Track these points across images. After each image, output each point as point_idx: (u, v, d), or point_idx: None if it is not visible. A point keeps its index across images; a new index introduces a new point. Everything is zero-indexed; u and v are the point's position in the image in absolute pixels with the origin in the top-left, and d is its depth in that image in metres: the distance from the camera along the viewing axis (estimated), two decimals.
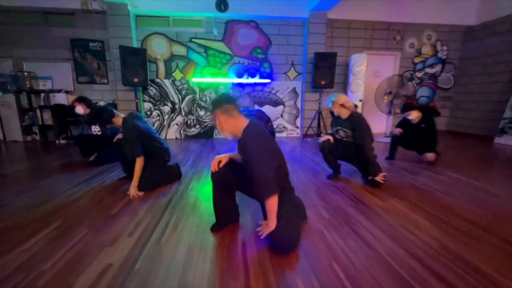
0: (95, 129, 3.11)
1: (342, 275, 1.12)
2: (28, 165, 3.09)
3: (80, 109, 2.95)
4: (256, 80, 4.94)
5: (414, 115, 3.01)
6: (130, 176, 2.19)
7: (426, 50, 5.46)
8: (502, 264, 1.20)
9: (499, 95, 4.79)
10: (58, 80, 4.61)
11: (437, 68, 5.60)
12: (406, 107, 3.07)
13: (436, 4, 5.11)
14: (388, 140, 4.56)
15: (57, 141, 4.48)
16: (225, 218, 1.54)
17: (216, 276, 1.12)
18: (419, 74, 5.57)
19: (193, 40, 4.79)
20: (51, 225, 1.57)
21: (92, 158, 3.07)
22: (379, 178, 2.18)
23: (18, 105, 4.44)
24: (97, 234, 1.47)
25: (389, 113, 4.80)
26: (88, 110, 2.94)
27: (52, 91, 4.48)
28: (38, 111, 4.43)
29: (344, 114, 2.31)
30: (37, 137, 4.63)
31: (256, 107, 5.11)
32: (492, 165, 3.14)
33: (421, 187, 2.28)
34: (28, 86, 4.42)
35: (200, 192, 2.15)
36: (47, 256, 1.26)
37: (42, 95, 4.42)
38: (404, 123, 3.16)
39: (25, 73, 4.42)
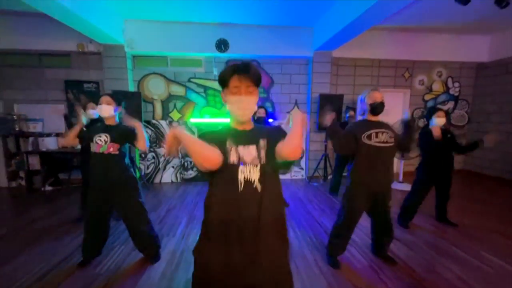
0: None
1: None
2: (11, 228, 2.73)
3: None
4: None
5: (442, 119, 2.56)
6: None
7: (437, 87, 5.19)
8: None
9: None
10: (50, 122, 4.37)
11: (450, 105, 5.29)
12: (432, 110, 2.62)
13: (446, 42, 4.90)
14: (403, 187, 4.20)
15: (42, 188, 4.16)
16: None
17: None
18: None
19: (192, 80, 4.59)
20: None
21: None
22: None
23: (5, 149, 4.20)
24: None
25: (402, 157, 4.43)
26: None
27: (41, 134, 4.22)
28: (25, 156, 4.16)
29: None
30: (23, 183, 4.33)
31: None
32: None
33: (456, 283, 1.86)
34: (17, 129, 4.19)
35: None
36: None
37: (31, 139, 4.17)
38: (425, 143, 2.66)
39: (15, 116, 4.21)
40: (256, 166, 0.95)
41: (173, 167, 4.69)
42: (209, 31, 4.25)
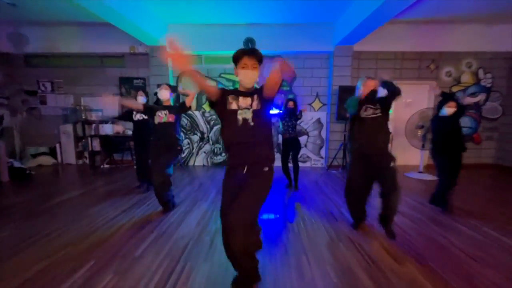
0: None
1: None
2: (80, 191, 3.57)
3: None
4: (281, 111, 5.07)
5: (452, 108, 2.85)
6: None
7: (466, 78, 5.09)
8: None
9: None
10: (107, 112, 5.29)
11: (481, 97, 5.14)
12: (446, 97, 2.91)
13: (475, 32, 4.80)
14: (422, 176, 4.30)
15: (102, 166, 5.09)
16: None
17: None
18: None
19: (222, 75, 5.17)
20: (87, 265, 1.82)
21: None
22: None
23: (75, 134, 5.21)
24: (120, 279, 1.67)
25: (423, 147, 4.50)
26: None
27: (101, 121, 5.16)
28: (89, 139, 5.12)
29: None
30: (87, 161, 5.32)
31: (280, 136, 5.22)
32: None
33: (447, 246, 2.11)
34: (83, 117, 5.18)
35: (216, 237, 2.26)
36: None
37: (93, 125, 5.11)
38: (436, 121, 2.98)
39: (82, 107, 5.19)
40: (249, 109, 1.41)
41: (205, 152, 5.33)
42: (237, 31, 4.78)
